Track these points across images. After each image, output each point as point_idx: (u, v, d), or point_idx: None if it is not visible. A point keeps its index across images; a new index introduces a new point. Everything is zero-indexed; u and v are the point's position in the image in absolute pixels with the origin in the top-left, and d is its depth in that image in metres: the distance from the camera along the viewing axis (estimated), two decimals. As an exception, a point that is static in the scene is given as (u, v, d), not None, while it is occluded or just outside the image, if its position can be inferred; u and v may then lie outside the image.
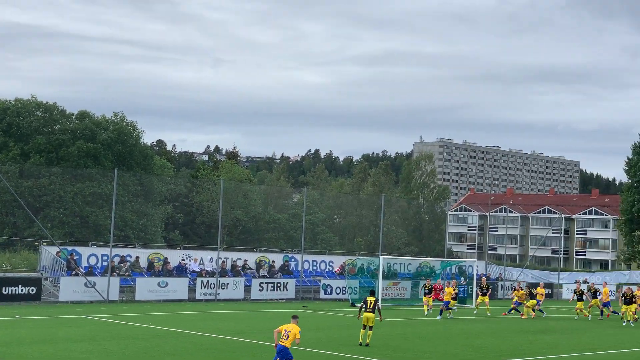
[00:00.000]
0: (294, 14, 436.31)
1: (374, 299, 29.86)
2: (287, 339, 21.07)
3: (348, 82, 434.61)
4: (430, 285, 46.54)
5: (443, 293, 45.22)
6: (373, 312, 29.20)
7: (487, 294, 48.24)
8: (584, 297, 47.60)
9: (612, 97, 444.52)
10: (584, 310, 46.69)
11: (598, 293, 48.46)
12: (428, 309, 45.13)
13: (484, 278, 52.50)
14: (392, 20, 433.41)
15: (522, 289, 48.35)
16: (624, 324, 43.49)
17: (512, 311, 47.26)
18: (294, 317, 22.21)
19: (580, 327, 41.71)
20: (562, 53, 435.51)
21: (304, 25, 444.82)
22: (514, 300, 47.95)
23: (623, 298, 44.86)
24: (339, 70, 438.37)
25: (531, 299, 46.78)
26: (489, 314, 46.77)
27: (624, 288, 47.30)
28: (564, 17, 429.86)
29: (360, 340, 29.00)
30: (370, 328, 29.14)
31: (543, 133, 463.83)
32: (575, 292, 48.53)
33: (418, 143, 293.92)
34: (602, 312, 47.15)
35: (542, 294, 47.94)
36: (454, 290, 44.92)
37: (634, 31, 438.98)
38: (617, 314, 44.85)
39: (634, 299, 44.48)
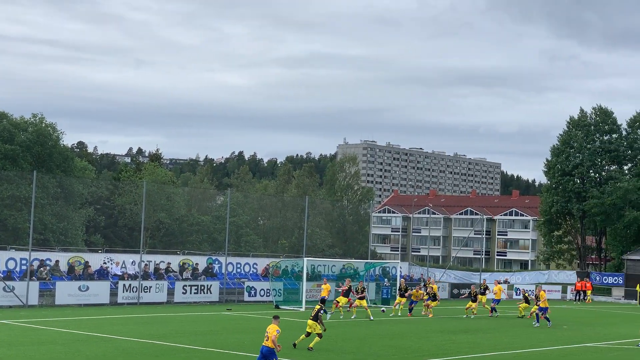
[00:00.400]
0: (217, 15, 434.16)
1: (318, 307, 29.72)
2: (267, 339, 22.18)
3: (272, 84, 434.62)
4: (406, 286, 47.66)
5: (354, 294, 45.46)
6: (315, 320, 28.88)
7: (406, 295, 48.47)
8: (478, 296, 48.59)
9: (531, 100, 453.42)
10: (522, 311, 47.61)
11: (488, 290, 50.74)
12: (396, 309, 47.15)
13: (402, 280, 52.72)
14: (315, 22, 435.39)
15: (420, 290, 48.98)
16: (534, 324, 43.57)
17: (411, 311, 47.63)
18: (275, 317, 23.10)
19: (501, 326, 42.36)
20: (483, 56, 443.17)
21: (227, 27, 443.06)
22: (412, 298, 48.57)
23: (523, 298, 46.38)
24: (262, 72, 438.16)
25: (528, 304, 46.95)
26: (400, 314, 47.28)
27: (522, 288, 48.73)
28: (485, 20, 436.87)
29: (296, 342, 28.76)
30: (319, 336, 28.89)
31: (465, 135, 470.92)
32: (470, 294, 49.29)
33: (342, 145, 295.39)
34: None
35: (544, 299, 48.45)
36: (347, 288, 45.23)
37: (552, 35, 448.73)
38: (548, 321, 43.25)
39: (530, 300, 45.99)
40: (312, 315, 29.12)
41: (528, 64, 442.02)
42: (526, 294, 48.06)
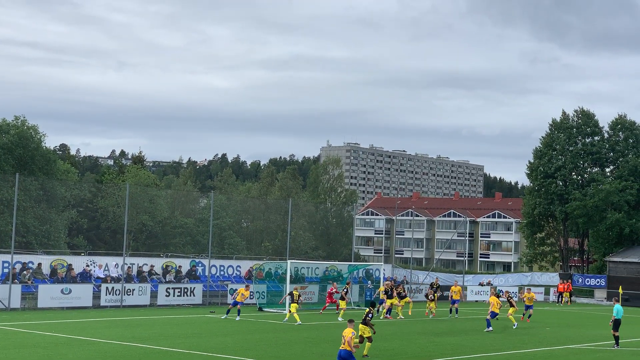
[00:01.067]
0: (200, 17, 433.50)
1: (368, 310, 29.70)
2: (344, 343, 22.87)
3: (255, 86, 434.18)
4: (392, 287, 47.79)
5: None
6: (365, 324, 28.64)
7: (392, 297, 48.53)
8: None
9: (513, 103, 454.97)
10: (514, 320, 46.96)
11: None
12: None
13: (388, 282, 52.68)
14: (297, 24, 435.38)
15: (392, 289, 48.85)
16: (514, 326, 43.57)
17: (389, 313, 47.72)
18: (350, 321, 23.62)
19: (484, 328, 42.43)
20: (464, 58, 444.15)
21: (210, 28, 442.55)
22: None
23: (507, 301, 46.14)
24: (245, 75, 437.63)
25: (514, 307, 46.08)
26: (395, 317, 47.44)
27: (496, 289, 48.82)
28: (465, 23, 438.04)
29: (364, 353, 28.25)
30: (369, 339, 28.59)
31: (448, 137, 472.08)
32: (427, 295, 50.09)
33: (325, 147, 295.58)
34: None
35: (530, 298, 48.52)
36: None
37: (532, 38, 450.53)
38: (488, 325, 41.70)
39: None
40: (363, 319, 28.90)
41: (509, 66, 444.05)
42: (510, 298, 47.47)
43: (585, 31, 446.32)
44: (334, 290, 48.58)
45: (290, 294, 43.79)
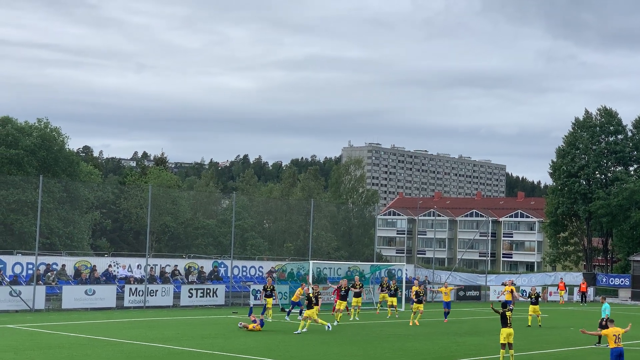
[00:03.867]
0: (216, 19, 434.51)
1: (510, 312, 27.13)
2: (618, 340, 23.59)
3: (273, 87, 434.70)
4: (396, 286, 47.47)
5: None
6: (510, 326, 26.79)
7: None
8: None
9: (531, 102, 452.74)
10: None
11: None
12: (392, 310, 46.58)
13: (393, 281, 52.28)
14: (311, 25, 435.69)
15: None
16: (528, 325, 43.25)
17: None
18: (610, 320, 24.33)
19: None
20: (480, 58, 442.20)
21: (227, 30, 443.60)
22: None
23: (529, 298, 44.45)
24: (263, 76, 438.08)
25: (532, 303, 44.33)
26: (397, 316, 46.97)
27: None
28: (480, 22, 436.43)
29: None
30: (510, 346, 26.76)
31: (466, 137, 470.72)
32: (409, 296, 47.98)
33: (347, 148, 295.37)
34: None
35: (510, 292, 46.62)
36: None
37: (548, 36, 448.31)
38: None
39: (539, 299, 44.44)
40: (509, 323, 27.04)
41: (525, 64, 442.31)
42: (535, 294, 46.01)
43: (601, 29, 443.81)
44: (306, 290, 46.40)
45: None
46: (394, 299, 47.48)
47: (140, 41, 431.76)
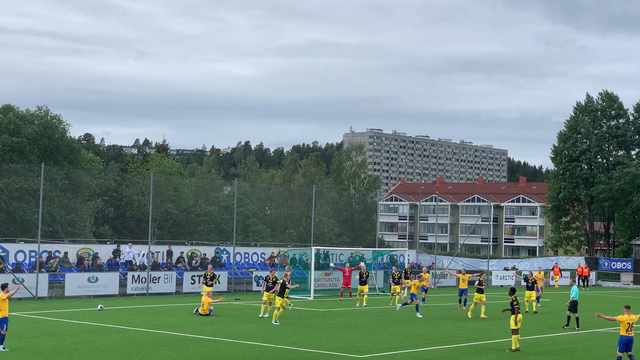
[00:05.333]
0: (216, 5, 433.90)
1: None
2: (630, 329, 23.93)
3: (274, 73, 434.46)
4: (400, 274, 47.16)
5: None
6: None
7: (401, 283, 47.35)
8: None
9: (531, 86, 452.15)
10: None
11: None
12: (395, 297, 45.77)
13: (395, 268, 51.93)
14: (311, 11, 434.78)
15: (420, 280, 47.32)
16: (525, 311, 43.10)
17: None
18: (626, 307, 24.27)
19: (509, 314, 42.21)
20: (480, 43, 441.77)
21: (227, 16, 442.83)
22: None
23: (525, 283, 43.93)
24: (264, 62, 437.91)
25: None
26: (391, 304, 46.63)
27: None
28: (479, 7, 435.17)
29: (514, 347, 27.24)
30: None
31: (467, 122, 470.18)
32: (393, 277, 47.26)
33: (348, 134, 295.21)
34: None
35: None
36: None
37: (547, 21, 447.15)
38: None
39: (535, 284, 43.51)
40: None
41: (525, 49, 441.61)
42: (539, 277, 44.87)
43: (601, 13, 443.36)
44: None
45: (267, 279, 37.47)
46: (397, 287, 47.22)
47: (140, 28, 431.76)
